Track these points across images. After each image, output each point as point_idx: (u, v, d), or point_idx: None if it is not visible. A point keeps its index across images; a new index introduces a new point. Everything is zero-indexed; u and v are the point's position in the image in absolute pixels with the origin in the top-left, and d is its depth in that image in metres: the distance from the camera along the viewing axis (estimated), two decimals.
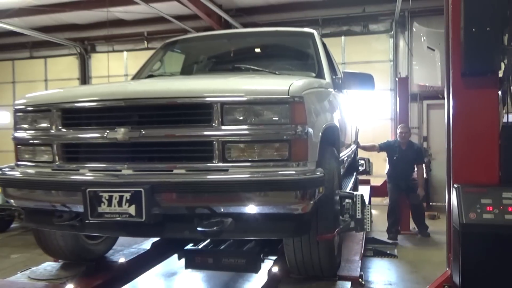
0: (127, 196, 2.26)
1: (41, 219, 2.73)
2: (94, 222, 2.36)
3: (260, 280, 3.50)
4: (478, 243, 2.59)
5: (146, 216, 2.25)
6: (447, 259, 3.07)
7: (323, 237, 2.59)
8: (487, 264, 2.59)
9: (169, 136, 2.36)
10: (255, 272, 3.18)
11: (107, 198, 2.30)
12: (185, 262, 3.24)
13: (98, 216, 2.32)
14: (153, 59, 4.10)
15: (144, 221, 2.25)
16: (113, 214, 2.29)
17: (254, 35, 4.38)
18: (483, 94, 2.76)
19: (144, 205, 2.24)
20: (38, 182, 2.56)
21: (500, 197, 2.60)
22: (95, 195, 2.31)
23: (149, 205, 2.24)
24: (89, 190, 2.32)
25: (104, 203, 2.30)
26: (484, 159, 2.76)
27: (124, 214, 2.27)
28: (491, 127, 2.76)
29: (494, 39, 2.64)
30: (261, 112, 2.29)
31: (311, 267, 2.73)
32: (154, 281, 4.61)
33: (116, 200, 2.28)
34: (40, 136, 2.64)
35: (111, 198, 2.29)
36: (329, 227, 2.61)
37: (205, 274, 4.77)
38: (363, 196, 2.76)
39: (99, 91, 2.70)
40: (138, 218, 2.26)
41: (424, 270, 5.28)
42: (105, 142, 2.43)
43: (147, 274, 3.76)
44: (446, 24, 3.00)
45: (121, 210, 2.27)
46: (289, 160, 2.27)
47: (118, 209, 2.28)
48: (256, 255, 3.07)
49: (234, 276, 4.61)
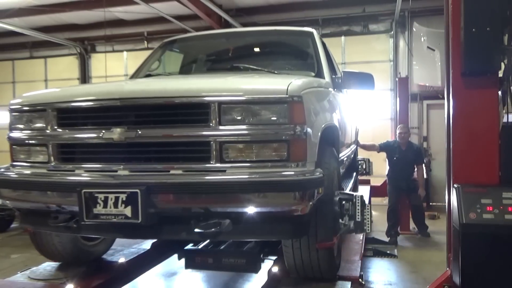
0: (123, 197, 2.23)
1: (37, 220, 2.70)
2: (90, 223, 2.32)
3: (260, 280, 3.50)
4: (478, 243, 2.59)
5: (142, 218, 2.21)
6: (447, 259, 3.07)
7: (323, 245, 2.56)
8: (487, 264, 2.59)
9: (165, 136, 2.33)
10: (255, 272, 3.17)
11: (103, 199, 2.26)
12: (185, 262, 3.23)
13: (94, 218, 2.28)
14: (151, 58, 4.06)
15: (141, 222, 2.22)
16: (108, 216, 2.26)
17: (253, 34, 4.35)
18: (483, 94, 2.76)
19: (140, 206, 2.21)
20: (33, 183, 2.53)
21: (500, 197, 2.60)
22: (91, 196, 2.28)
23: (146, 206, 2.21)
24: (84, 191, 2.29)
25: (99, 204, 2.27)
26: (484, 159, 2.76)
27: (120, 215, 2.24)
28: (491, 127, 2.76)
29: (494, 39, 2.64)
30: (259, 112, 2.26)
31: (310, 269, 2.72)
32: (154, 281, 4.61)
33: (112, 201, 2.25)
34: (35, 136, 2.61)
35: (106, 199, 2.26)
36: (328, 229, 2.58)
37: (205, 274, 4.77)
38: (363, 197, 2.74)
39: (95, 90, 2.67)
40: (134, 220, 2.22)
41: (424, 270, 5.28)
42: (101, 143, 2.40)
43: (147, 274, 3.76)
44: (446, 24, 3.00)
45: (117, 212, 2.24)
46: (287, 161, 2.25)
47: (114, 211, 2.24)
48: (256, 255, 3.06)
49: (234, 276, 4.60)
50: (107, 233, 2.69)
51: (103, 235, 3.02)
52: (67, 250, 3.17)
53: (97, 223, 2.31)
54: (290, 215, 2.30)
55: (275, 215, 2.32)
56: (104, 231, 2.58)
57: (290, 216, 2.31)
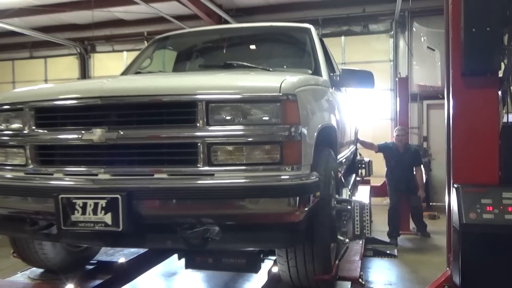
0: (102, 203, 2.09)
1: (14, 226, 2.52)
2: (69, 231, 2.18)
3: (260, 280, 3.50)
4: (478, 243, 2.59)
5: (123, 225, 2.06)
6: (447, 259, 3.07)
7: (321, 278, 2.44)
8: (487, 264, 2.59)
9: (149, 138, 2.17)
10: (255, 272, 3.16)
11: (81, 205, 2.12)
12: (185, 262, 3.22)
13: (72, 225, 2.13)
14: (142, 55, 3.89)
15: (121, 230, 2.07)
16: (87, 223, 2.11)
17: (248, 31, 4.14)
18: (483, 94, 2.76)
19: (121, 213, 2.06)
20: (8, 188, 2.38)
21: (500, 197, 2.60)
22: (68, 202, 2.13)
23: (127, 213, 2.06)
24: (61, 196, 2.14)
25: (78, 210, 2.12)
26: (484, 159, 2.76)
27: (99, 223, 2.09)
28: (491, 127, 2.76)
29: (494, 39, 2.64)
30: (250, 111, 2.11)
31: (305, 279, 2.58)
32: (154, 281, 4.60)
33: (90, 207, 2.10)
34: (12, 137, 2.45)
35: (85, 206, 2.11)
36: (325, 237, 2.45)
37: (205, 274, 4.76)
38: (361, 204, 2.62)
39: (74, 88, 2.50)
40: (115, 228, 2.08)
41: (424, 270, 5.27)
42: (80, 144, 2.24)
43: (147, 274, 3.75)
44: (446, 24, 3.00)
45: (96, 219, 2.09)
46: (281, 164, 2.10)
47: (93, 218, 2.10)
48: (256, 255, 3.03)
49: (234, 276, 4.60)
50: (87, 241, 2.48)
51: (83, 243, 2.84)
52: (50, 257, 3.02)
53: (75, 230, 2.17)
54: (283, 222, 2.16)
55: (267, 223, 2.18)
56: (85, 239, 2.40)
57: (284, 223, 2.16)
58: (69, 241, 2.62)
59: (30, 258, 3.05)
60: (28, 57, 12.76)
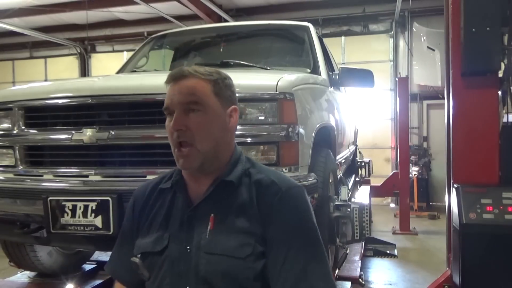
0: (92, 205, 2.04)
1: (3, 229, 2.47)
2: (59, 234, 2.13)
3: None
4: (478, 243, 2.58)
5: (114, 229, 2.01)
6: (447, 259, 3.07)
7: None
8: (487, 264, 2.58)
9: (141, 138, 2.12)
10: None
11: (71, 208, 2.07)
12: None
13: (61, 229, 2.08)
14: (138, 54, 3.82)
15: (112, 234, 2.01)
16: (77, 226, 2.06)
17: (246, 29, 4.08)
18: (483, 94, 2.76)
19: (112, 216, 2.01)
20: None
21: (500, 197, 2.59)
22: (58, 204, 2.08)
23: (118, 216, 1.99)
24: (50, 198, 2.10)
25: (67, 213, 2.07)
26: (484, 159, 2.75)
27: (89, 226, 2.04)
28: (491, 127, 2.76)
29: (494, 39, 2.64)
30: (245, 110, 2.06)
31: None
32: None
33: (80, 210, 2.05)
34: (1, 137, 2.40)
35: (75, 208, 2.06)
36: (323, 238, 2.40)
37: None
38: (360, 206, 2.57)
39: (64, 87, 2.44)
40: (105, 231, 2.03)
41: (424, 270, 5.27)
42: (71, 145, 2.19)
43: None
44: (446, 24, 3.00)
45: (86, 222, 2.05)
46: (277, 165, 2.05)
47: (83, 221, 2.05)
48: None
49: None
50: (78, 244, 2.45)
51: (74, 246, 2.80)
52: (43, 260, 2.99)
53: (65, 234, 2.12)
54: None
55: None
56: (75, 243, 2.35)
57: None
58: (59, 244, 2.59)
59: (23, 262, 3.01)
60: (28, 57, 12.75)
